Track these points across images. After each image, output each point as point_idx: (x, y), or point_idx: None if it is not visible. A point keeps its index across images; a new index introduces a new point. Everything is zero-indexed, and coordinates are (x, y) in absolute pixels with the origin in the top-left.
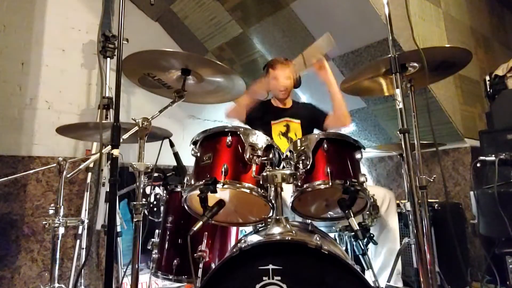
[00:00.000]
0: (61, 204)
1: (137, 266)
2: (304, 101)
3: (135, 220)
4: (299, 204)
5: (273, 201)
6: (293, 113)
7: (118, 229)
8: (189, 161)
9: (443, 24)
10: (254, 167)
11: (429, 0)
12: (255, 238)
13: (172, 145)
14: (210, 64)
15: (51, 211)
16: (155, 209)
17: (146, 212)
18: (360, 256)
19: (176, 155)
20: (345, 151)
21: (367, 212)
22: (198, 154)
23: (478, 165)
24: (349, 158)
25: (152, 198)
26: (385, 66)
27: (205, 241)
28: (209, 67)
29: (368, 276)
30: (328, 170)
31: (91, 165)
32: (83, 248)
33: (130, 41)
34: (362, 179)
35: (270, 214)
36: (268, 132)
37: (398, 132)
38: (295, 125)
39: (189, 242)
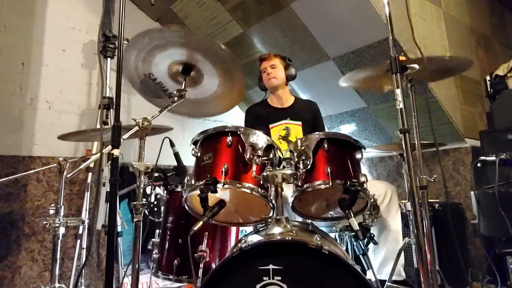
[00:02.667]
0: (61, 204)
1: (137, 266)
2: (308, 99)
3: (135, 220)
4: (300, 204)
5: (273, 201)
6: (294, 113)
7: (119, 229)
8: (189, 161)
9: (444, 24)
10: (254, 167)
11: (429, 0)
12: (255, 238)
13: (172, 145)
14: (212, 51)
15: (51, 211)
16: (155, 209)
17: (146, 212)
18: (361, 256)
19: (176, 155)
20: (345, 151)
21: (368, 212)
22: (199, 154)
23: (479, 165)
24: (349, 158)
25: (152, 198)
26: (385, 66)
27: (206, 241)
28: (211, 56)
29: (369, 276)
30: (329, 170)
31: (92, 165)
32: (83, 248)
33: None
34: (362, 179)
35: (271, 214)
36: None
37: (398, 132)
38: (296, 127)
39: (189, 242)
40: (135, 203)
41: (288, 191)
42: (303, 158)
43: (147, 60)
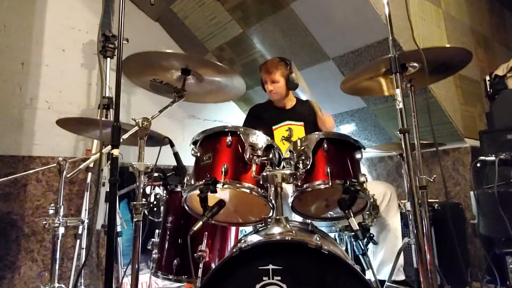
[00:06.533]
0: (61, 204)
1: (137, 266)
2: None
3: (135, 220)
4: (299, 204)
5: (273, 201)
6: (296, 114)
7: (118, 229)
8: (189, 161)
9: (443, 24)
10: (254, 167)
11: (429, 0)
12: (255, 238)
13: (172, 145)
14: (210, 65)
15: (51, 211)
16: (155, 209)
17: (146, 212)
18: (360, 256)
19: (176, 155)
20: (345, 151)
21: (367, 212)
22: (198, 154)
23: (478, 165)
24: (349, 158)
25: (152, 198)
26: (385, 66)
27: (205, 241)
28: (209, 67)
29: (368, 276)
30: (328, 170)
31: (91, 165)
32: (83, 248)
33: (130, 41)
34: (362, 179)
35: (270, 214)
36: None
37: (398, 132)
38: (298, 128)
39: (189, 242)
40: (134, 203)
41: (288, 191)
42: (303, 158)
43: (148, 69)
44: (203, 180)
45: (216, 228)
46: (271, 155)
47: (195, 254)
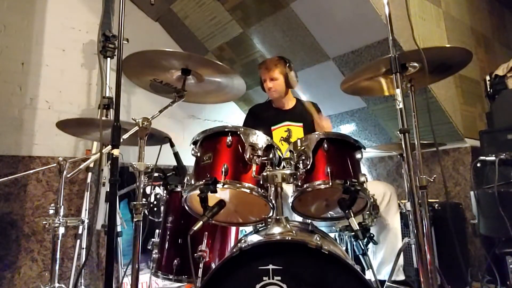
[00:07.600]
0: (61, 204)
1: (137, 266)
2: (309, 99)
3: (135, 220)
4: (299, 204)
5: (273, 201)
6: (295, 115)
7: (118, 229)
8: (189, 161)
9: (444, 24)
10: (254, 167)
11: (429, 0)
12: (255, 238)
13: (172, 145)
14: (210, 64)
15: (51, 211)
16: (155, 209)
17: (146, 212)
18: (360, 256)
19: (176, 155)
20: (345, 151)
21: (367, 212)
22: (198, 154)
23: (478, 165)
24: (349, 158)
25: (152, 198)
26: (385, 66)
27: (205, 241)
28: (209, 67)
29: (369, 276)
30: (328, 170)
31: (91, 165)
32: (83, 248)
33: (130, 41)
34: (362, 179)
35: (270, 214)
36: None
37: (398, 132)
38: (297, 129)
39: (189, 242)
40: (135, 203)
41: (288, 191)
42: (303, 158)
43: (148, 69)
44: (203, 180)
45: (216, 228)
46: (271, 155)
47: (195, 254)
